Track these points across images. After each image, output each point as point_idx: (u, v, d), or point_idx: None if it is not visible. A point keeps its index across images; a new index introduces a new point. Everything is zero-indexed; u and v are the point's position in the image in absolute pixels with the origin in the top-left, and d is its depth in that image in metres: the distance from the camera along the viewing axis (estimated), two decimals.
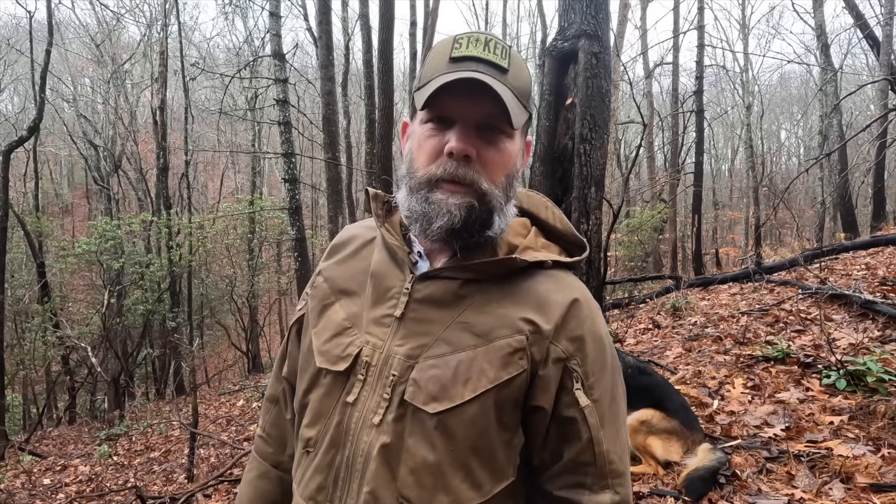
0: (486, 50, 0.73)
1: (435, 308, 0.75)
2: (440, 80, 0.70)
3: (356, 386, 0.75)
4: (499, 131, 0.73)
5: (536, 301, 0.75)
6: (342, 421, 0.74)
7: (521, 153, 0.80)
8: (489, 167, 0.73)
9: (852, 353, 3.26)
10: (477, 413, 0.70)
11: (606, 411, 0.75)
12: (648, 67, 16.44)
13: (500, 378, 0.71)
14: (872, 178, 11.02)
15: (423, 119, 0.75)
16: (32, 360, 12.56)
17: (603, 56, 3.06)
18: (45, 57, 9.64)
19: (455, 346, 0.72)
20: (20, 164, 18.69)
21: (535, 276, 0.77)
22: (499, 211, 0.74)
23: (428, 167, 0.73)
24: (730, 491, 2.16)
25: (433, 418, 0.70)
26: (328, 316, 0.82)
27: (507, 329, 0.73)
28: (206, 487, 3.87)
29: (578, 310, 0.75)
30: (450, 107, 0.72)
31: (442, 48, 0.75)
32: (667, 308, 5.90)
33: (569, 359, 0.73)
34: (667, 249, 14.47)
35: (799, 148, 31.52)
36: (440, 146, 0.73)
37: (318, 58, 9.78)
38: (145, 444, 7.03)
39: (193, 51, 20.70)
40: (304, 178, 20.60)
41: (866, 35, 10.33)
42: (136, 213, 15.35)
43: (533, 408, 0.73)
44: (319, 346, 0.80)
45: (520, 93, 0.74)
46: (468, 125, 0.72)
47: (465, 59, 0.72)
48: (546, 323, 0.73)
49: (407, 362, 0.73)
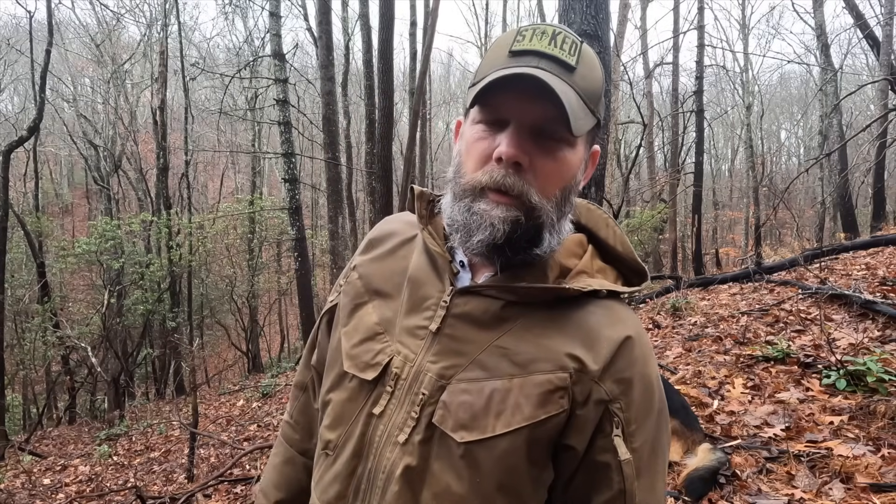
0: (553, 44, 0.65)
1: (473, 327, 0.69)
2: (494, 76, 0.63)
3: (383, 398, 0.70)
4: (558, 137, 0.65)
5: (585, 335, 0.68)
6: (366, 432, 0.70)
7: (585, 164, 0.72)
8: (543, 178, 0.66)
9: (852, 353, 3.26)
10: (507, 449, 0.65)
11: (645, 462, 0.68)
12: (648, 67, 16.44)
13: (536, 416, 0.65)
14: (872, 178, 11.02)
15: (475, 119, 0.69)
16: (32, 360, 12.57)
17: (603, 56, 3.06)
18: (45, 57, 9.64)
19: (490, 373, 0.67)
20: (20, 164, 18.70)
21: (586, 306, 0.70)
22: (549, 227, 0.67)
23: (475, 173, 0.67)
24: (730, 491, 2.16)
25: (460, 447, 0.65)
26: (360, 317, 0.78)
27: (550, 363, 0.66)
28: (206, 487, 3.87)
29: (630, 349, 0.68)
30: (503, 106, 0.65)
31: (503, 40, 0.68)
32: (667, 308, 5.90)
33: (612, 401, 0.66)
34: (667, 249, 14.49)
35: (799, 148, 31.55)
36: (490, 150, 0.66)
37: (318, 58, 9.78)
38: (145, 444, 7.03)
39: (193, 51, 20.70)
40: (304, 178, 20.61)
41: (866, 35, 10.34)
42: (136, 213, 15.36)
43: (564, 446, 0.68)
44: (349, 348, 0.76)
45: (587, 95, 0.66)
46: (523, 128, 0.64)
47: (527, 54, 0.65)
48: (593, 362, 0.66)
49: (438, 382, 0.68)
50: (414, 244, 0.80)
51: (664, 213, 12.83)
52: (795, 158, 31.48)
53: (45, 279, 11.63)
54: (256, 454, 4.44)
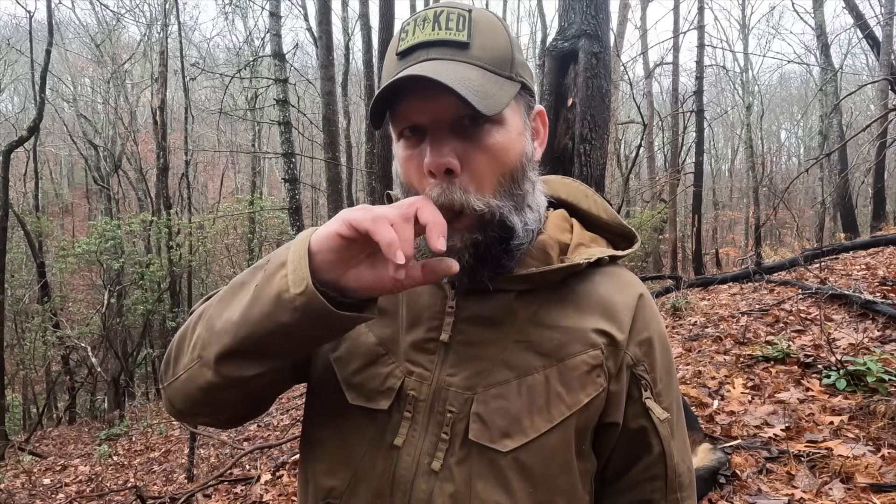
0: (436, 28, 0.59)
1: (487, 327, 0.64)
2: (383, 89, 0.57)
3: (403, 426, 0.63)
4: (482, 122, 0.59)
5: (602, 307, 0.66)
6: (387, 469, 0.62)
7: (527, 131, 0.65)
8: (480, 173, 0.59)
9: (852, 353, 3.26)
10: (556, 445, 0.61)
11: (675, 420, 0.68)
12: (648, 67, 16.45)
13: (579, 402, 0.61)
14: (872, 178, 11.02)
15: (395, 135, 0.63)
16: (32, 360, 12.58)
17: (603, 56, 3.06)
18: (45, 57, 9.64)
19: (519, 370, 0.62)
20: (20, 164, 18.70)
21: (592, 277, 0.68)
22: (512, 213, 0.61)
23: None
24: (730, 491, 2.16)
25: (506, 457, 0.60)
26: (353, 339, 0.69)
27: (580, 344, 0.63)
28: (206, 487, 3.87)
29: (644, 309, 0.67)
30: (412, 112, 0.59)
31: (392, 43, 0.63)
32: (667, 308, 5.90)
33: (636, 364, 0.65)
34: (667, 249, 14.49)
35: (799, 148, 31.55)
36: (421, 165, 0.59)
37: (318, 58, 9.78)
38: (145, 444, 7.03)
39: (193, 51, 20.70)
40: (304, 178, 20.61)
41: (866, 35, 10.34)
42: (136, 213, 15.35)
43: (604, 425, 0.65)
44: (347, 377, 0.67)
45: (494, 64, 0.59)
46: (441, 129, 0.58)
47: (414, 50, 0.59)
48: (619, 332, 0.64)
49: (465, 394, 0.62)
50: None
51: (664, 213, 12.84)
52: (795, 158, 31.50)
53: (45, 279, 11.64)
54: (256, 454, 4.44)
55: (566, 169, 3.16)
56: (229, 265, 16.25)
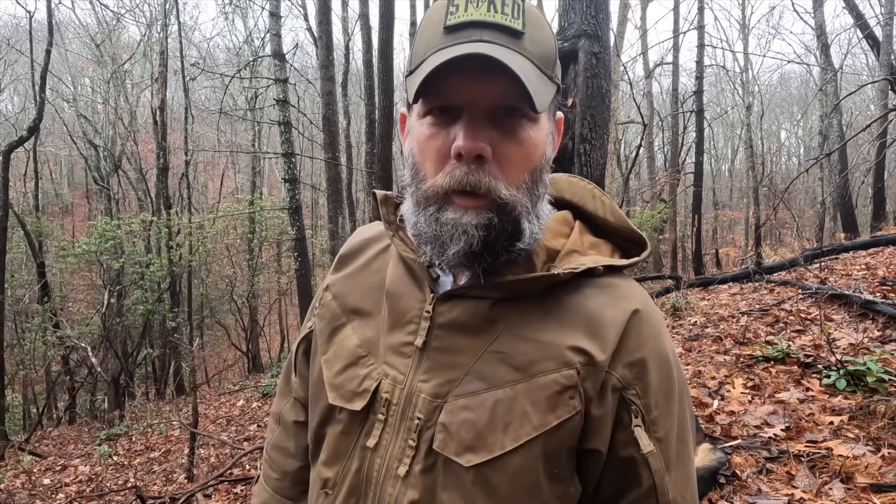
0: (492, 9, 0.56)
1: (463, 334, 0.62)
2: (433, 62, 0.54)
3: (376, 428, 0.63)
4: (519, 115, 0.57)
5: (587, 322, 0.60)
6: (361, 467, 0.63)
7: (551, 138, 0.64)
8: (509, 166, 0.58)
9: (852, 353, 3.26)
10: (522, 466, 0.58)
11: (674, 452, 0.61)
12: (648, 67, 16.45)
13: (547, 424, 0.58)
14: (872, 178, 11.02)
15: (421, 111, 0.60)
16: (32, 360, 12.57)
17: (603, 56, 3.06)
18: (45, 57, 9.64)
19: (490, 382, 0.59)
20: (20, 164, 18.70)
21: (583, 289, 0.62)
22: (527, 217, 0.60)
23: (435, 177, 0.58)
24: (730, 491, 2.16)
25: (469, 472, 0.58)
26: (339, 341, 0.70)
27: (553, 361, 0.59)
28: (206, 487, 3.88)
29: (638, 326, 0.61)
30: (451, 92, 0.56)
31: (435, 14, 0.58)
32: (667, 308, 5.90)
33: (626, 388, 0.59)
34: (667, 249, 14.50)
35: (799, 148, 31.55)
36: (446, 146, 0.57)
37: (318, 58, 9.79)
38: (145, 444, 7.03)
39: (193, 51, 20.71)
40: (304, 178, 20.62)
41: (866, 35, 10.34)
42: (136, 213, 15.37)
43: (586, 451, 0.60)
44: (331, 378, 0.68)
45: (542, 61, 0.58)
46: (478, 114, 0.56)
47: (465, 27, 0.56)
48: (601, 351, 0.59)
49: (433, 402, 0.61)
50: (388, 254, 0.72)
51: (664, 213, 12.84)
52: (795, 158, 31.50)
53: (45, 279, 11.63)
54: (256, 454, 4.44)
55: (566, 169, 3.16)
56: (229, 265, 16.25)
